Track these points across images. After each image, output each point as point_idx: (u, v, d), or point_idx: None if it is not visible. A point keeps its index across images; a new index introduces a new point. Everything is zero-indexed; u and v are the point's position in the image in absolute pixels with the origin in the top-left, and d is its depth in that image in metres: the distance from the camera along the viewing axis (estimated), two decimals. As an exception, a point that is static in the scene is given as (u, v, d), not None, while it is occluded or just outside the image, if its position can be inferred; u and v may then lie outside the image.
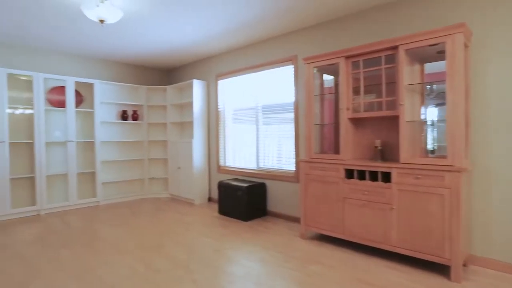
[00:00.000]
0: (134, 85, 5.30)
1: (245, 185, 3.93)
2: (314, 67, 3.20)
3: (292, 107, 3.93)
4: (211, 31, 3.86)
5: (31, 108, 4.33)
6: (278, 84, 4.10)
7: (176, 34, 3.96)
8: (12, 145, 4.29)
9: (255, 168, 4.39)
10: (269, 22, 3.59)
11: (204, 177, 5.03)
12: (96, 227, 3.70)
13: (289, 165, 3.98)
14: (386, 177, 2.76)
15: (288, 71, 3.98)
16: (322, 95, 3.39)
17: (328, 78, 3.49)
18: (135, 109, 5.50)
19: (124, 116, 5.26)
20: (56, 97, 4.63)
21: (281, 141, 4.08)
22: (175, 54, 4.92)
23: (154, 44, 4.38)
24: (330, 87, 3.48)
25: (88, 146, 5.00)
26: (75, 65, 4.92)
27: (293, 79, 3.87)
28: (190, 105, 5.40)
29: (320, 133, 3.43)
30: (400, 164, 2.52)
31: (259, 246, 3.03)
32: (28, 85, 4.44)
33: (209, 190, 5.13)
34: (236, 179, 4.37)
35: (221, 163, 4.93)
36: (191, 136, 5.38)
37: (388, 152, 3.00)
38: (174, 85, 5.35)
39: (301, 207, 3.22)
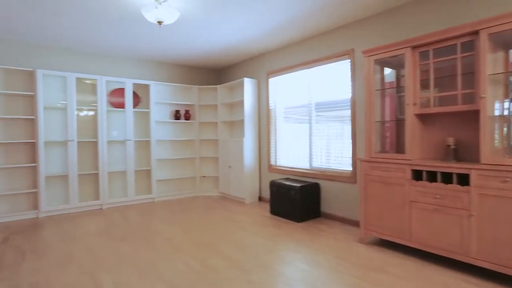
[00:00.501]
0: (186, 85, 5.44)
1: (298, 185, 3.80)
2: (375, 60, 2.98)
3: (349, 103, 3.72)
4: (264, 28, 3.80)
5: (95, 109, 4.63)
6: (333, 80, 3.91)
7: (228, 33, 3.96)
8: (78, 144, 4.62)
9: (308, 168, 4.24)
10: (323, 16, 3.42)
11: (255, 176, 4.99)
12: (152, 223, 3.82)
13: (345, 164, 3.77)
14: (463, 180, 2.46)
15: (344, 66, 3.78)
16: (383, 89, 3.15)
17: (387, 72, 3.23)
18: (187, 108, 5.65)
19: (177, 115, 5.41)
20: (116, 98, 4.90)
21: (335, 139, 3.88)
22: (226, 53, 4.94)
23: (206, 44, 4.43)
24: (391, 82, 3.22)
25: (144, 145, 5.23)
26: (133, 68, 5.17)
27: (349, 74, 3.66)
28: (240, 104, 5.40)
29: (381, 131, 3.18)
30: (481, 165, 2.22)
31: (315, 249, 2.88)
32: (91, 88, 4.76)
33: (260, 189, 5.08)
34: (288, 179, 4.26)
35: (272, 162, 4.85)
36: (241, 135, 5.38)
37: (463, 151, 2.68)
38: (224, 84, 5.39)
39: (360, 210, 3.01)
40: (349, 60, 3.66)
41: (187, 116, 5.49)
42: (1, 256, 2.82)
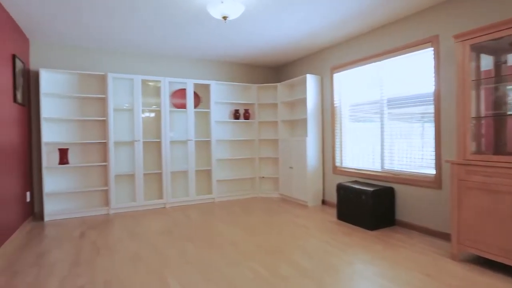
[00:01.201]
0: (245, 84, 5.34)
1: (370, 189, 3.44)
2: (471, 45, 2.53)
3: (431, 98, 3.26)
4: (329, 20, 3.51)
5: (158, 110, 4.74)
6: (410, 73, 3.48)
7: (291, 27, 3.74)
8: (144, 144, 4.77)
9: (379, 170, 3.85)
10: (398, 0, 3.04)
11: (318, 178, 4.70)
12: (214, 224, 3.76)
13: (426, 167, 3.32)
14: None
15: (424, 55, 3.33)
16: (479, 80, 2.67)
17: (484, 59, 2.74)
18: (246, 108, 5.55)
19: (236, 115, 5.34)
20: (177, 99, 4.97)
21: (413, 138, 3.45)
22: (287, 49, 4.73)
23: (267, 40, 4.27)
24: (488, 70, 2.73)
25: (204, 145, 5.24)
26: (194, 68, 5.22)
27: (432, 64, 3.21)
28: (301, 102, 5.15)
29: (476, 128, 2.71)
30: None
31: (396, 264, 2.53)
32: (155, 90, 4.88)
33: (323, 192, 4.78)
34: (356, 182, 3.91)
35: (337, 163, 4.52)
36: (303, 134, 5.12)
37: None
38: (284, 82, 5.18)
39: (451, 221, 2.58)
40: (432, 49, 3.21)
41: (247, 116, 5.39)
42: (79, 251, 2.94)
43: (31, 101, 4.19)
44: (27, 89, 4.04)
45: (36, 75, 4.24)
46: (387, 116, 3.75)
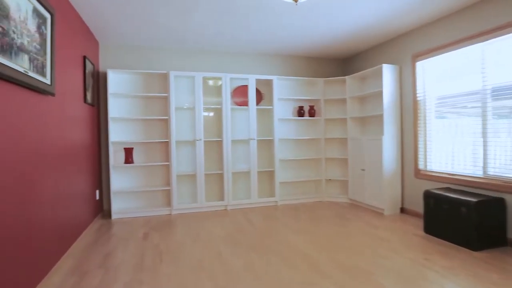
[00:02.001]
0: (310, 78, 4.91)
1: (473, 199, 2.80)
2: None
3: (562, 84, 2.53)
4: (420, -6, 2.94)
5: (219, 108, 4.55)
6: (529, 53, 2.75)
7: (366, 8, 3.24)
8: (204, 143, 4.62)
9: (481, 176, 3.16)
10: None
11: (396, 182, 4.10)
12: (281, 231, 3.42)
13: (553, 174, 2.59)
14: None
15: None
16: None
17: None
18: (311, 104, 5.13)
19: (300, 112, 4.95)
20: (239, 96, 4.74)
21: (533, 137, 2.72)
22: (358, 37, 4.21)
23: (334, 28, 3.80)
24: None
25: (266, 144, 4.95)
26: (254, 63, 4.95)
27: None
28: (374, 96, 4.57)
29: None
30: None
31: (527, 301, 1.93)
32: (215, 87, 4.71)
33: (402, 198, 4.16)
34: (449, 189, 3.27)
35: (421, 166, 3.88)
36: (377, 132, 4.55)
37: None
38: (354, 74, 4.65)
39: None
40: None
41: (312, 113, 4.97)
42: (142, 254, 2.82)
43: (99, 101, 4.28)
44: (96, 89, 4.12)
45: (104, 76, 4.32)
46: (491, 110, 3.05)
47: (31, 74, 2.08)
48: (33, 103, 2.17)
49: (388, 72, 4.08)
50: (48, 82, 2.38)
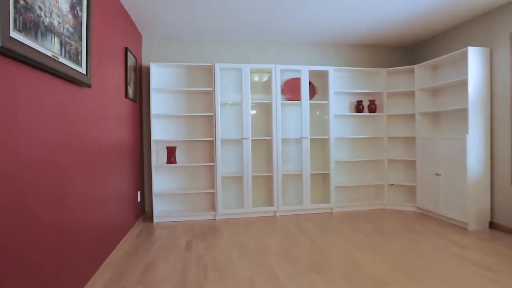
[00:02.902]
0: (370, 69, 4.29)
1: None
2: None
3: None
4: None
5: (268, 103, 4.10)
6: None
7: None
8: (252, 142, 4.21)
9: None
10: None
11: (484, 190, 3.37)
12: (342, 246, 2.89)
13: None
14: None
15: None
16: None
17: None
18: (372, 98, 4.50)
19: (359, 107, 4.35)
20: (289, 91, 4.26)
21: None
22: (435, 15, 3.52)
23: (401, 7, 3.17)
24: None
25: (319, 144, 4.41)
26: (307, 53, 4.44)
27: None
28: (453, 87, 3.85)
29: None
30: None
31: None
32: (262, 81, 4.27)
33: (492, 211, 3.42)
34: None
35: (520, 172, 3.12)
36: (459, 130, 3.81)
37: None
38: (425, 63, 3.96)
39: None
40: None
41: (372, 108, 4.34)
42: (186, 269, 2.46)
43: (142, 97, 4.04)
44: (139, 84, 3.88)
45: (147, 70, 4.08)
46: None
47: (62, 60, 1.78)
48: (65, 94, 1.87)
49: (474, 57, 3.35)
50: (83, 71, 2.08)
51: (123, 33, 3.16)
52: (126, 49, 3.26)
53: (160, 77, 4.04)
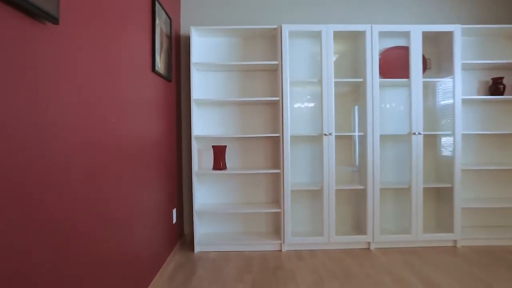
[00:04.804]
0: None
1: None
2: None
3: None
4: None
5: (356, 82, 2.77)
6: None
7: None
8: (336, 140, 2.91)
9: None
10: None
11: None
12: None
13: None
14: None
15: None
16: None
17: None
18: (518, 73, 2.98)
19: (496, 88, 2.85)
20: (387, 65, 2.88)
21: None
22: None
23: None
24: None
25: (432, 142, 2.99)
26: (413, 8, 3.02)
27: None
28: None
29: None
30: None
31: None
32: (346, 51, 2.94)
33: None
34: None
35: None
36: None
37: None
38: None
39: None
40: None
41: (522, 88, 2.82)
42: None
43: (179, 76, 2.93)
44: (175, 57, 2.77)
45: (186, 39, 2.97)
46: None
47: None
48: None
49: None
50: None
51: (148, -29, 2.04)
52: (153, 2, 2.14)
53: (205, 47, 2.91)
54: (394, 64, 2.87)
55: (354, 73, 2.93)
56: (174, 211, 2.63)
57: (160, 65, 2.25)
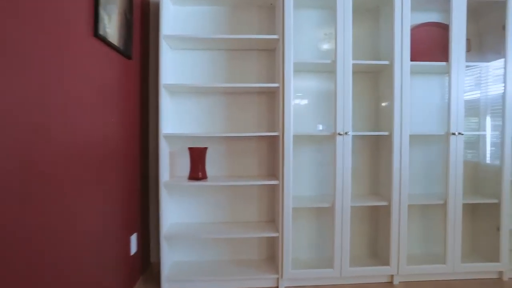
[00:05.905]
0: None
1: None
2: None
3: None
4: None
5: (374, 68, 2.13)
6: None
7: None
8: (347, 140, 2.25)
9: None
10: None
11: None
12: None
13: None
14: None
15: None
16: None
17: None
18: None
19: (550, 77, 2.25)
20: (419, 46, 2.24)
21: None
22: None
23: None
24: None
25: (472, 146, 2.38)
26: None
27: None
28: None
29: None
30: None
31: None
32: (367, 32, 2.29)
33: None
34: None
35: None
36: None
37: None
38: None
39: None
40: None
41: None
42: None
43: (144, 53, 2.20)
44: (140, 31, 2.04)
45: (157, 11, 2.25)
46: None
47: None
48: None
49: None
50: None
51: None
52: None
53: (181, 18, 2.20)
54: (425, 45, 2.23)
55: (375, 55, 2.29)
56: (134, 237, 1.92)
57: (109, 30, 1.53)
